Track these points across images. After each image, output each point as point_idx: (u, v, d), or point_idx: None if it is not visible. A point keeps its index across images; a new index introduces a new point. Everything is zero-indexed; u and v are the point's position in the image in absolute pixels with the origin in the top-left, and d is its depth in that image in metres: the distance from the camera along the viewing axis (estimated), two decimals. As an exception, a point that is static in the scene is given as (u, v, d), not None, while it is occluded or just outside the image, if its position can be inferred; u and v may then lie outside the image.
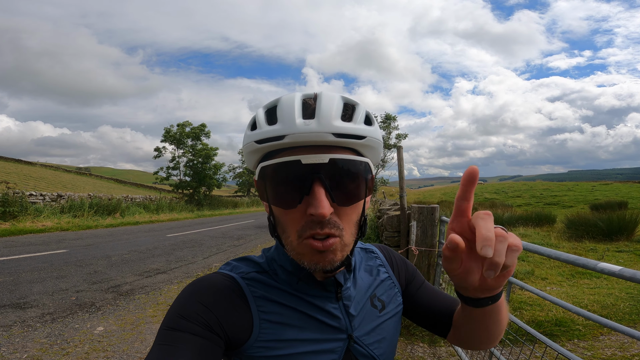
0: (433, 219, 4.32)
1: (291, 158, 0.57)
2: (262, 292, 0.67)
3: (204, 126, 29.20)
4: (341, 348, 0.68)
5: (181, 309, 0.61)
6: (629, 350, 3.51)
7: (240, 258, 0.74)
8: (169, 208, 22.36)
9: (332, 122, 0.58)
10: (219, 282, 0.66)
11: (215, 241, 11.06)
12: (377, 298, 0.78)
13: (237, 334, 0.63)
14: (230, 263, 0.73)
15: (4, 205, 12.39)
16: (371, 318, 0.74)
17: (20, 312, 4.36)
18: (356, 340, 0.70)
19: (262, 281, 0.69)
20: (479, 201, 26.82)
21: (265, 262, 0.72)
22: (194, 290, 0.64)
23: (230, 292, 0.65)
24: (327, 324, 0.68)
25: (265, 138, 0.59)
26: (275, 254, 0.72)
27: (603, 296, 5.12)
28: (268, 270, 0.71)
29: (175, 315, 0.60)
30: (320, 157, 0.57)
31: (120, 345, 3.63)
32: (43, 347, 3.51)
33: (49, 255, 7.78)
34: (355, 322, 0.71)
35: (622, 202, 19.20)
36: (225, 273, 0.69)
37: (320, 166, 0.57)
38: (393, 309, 0.79)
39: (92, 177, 36.18)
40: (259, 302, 0.66)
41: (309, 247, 0.60)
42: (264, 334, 0.64)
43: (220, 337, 0.60)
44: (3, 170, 23.89)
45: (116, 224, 14.94)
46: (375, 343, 0.73)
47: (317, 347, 0.66)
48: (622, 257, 8.11)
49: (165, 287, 5.79)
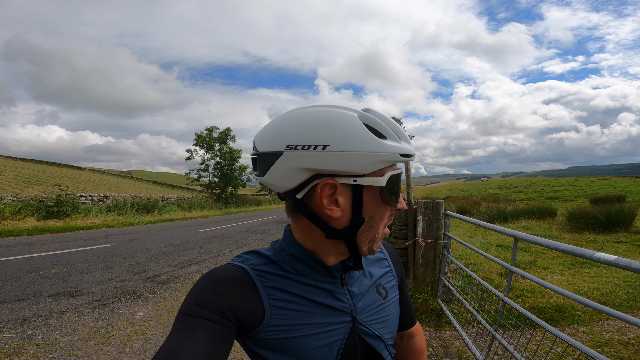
0: (438, 213, 4.26)
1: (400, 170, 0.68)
2: (272, 281, 0.68)
3: (229, 130, 29.54)
4: (345, 329, 0.69)
5: (196, 296, 0.62)
6: (626, 335, 3.39)
7: (250, 251, 0.75)
8: (200, 206, 22.76)
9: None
10: (231, 273, 0.67)
11: (241, 235, 11.19)
12: (382, 286, 0.79)
13: (249, 319, 0.64)
14: (241, 256, 0.74)
15: (58, 205, 12.87)
16: (376, 303, 0.76)
17: (72, 300, 4.52)
18: (360, 322, 0.71)
19: (270, 272, 0.69)
20: (482, 196, 26.22)
21: (273, 254, 0.73)
22: (208, 280, 0.65)
23: (241, 281, 0.66)
24: (333, 307, 0.69)
25: (407, 154, 0.65)
26: (284, 245, 0.72)
27: (602, 284, 4.95)
28: (276, 261, 0.71)
29: (191, 303, 0.61)
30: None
31: (158, 328, 3.72)
32: (91, 330, 3.63)
33: (97, 249, 8.04)
34: (359, 305, 0.72)
35: (620, 195, 18.46)
36: (236, 264, 0.70)
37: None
38: (394, 296, 0.82)
39: (134, 179, 37.10)
40: (268, 291, 0.67)
41: (383, 234, 0.71)
42: (274, 319, 0.65)
43: (232, 323, 0.61)
44: (56, 175, 24.79)
45: (154, 220, 15.29)
46: (379, 324, 0.75)
47: (323, 329, 0.67)
48: (620, 247, 7.80)
49: (197, 276, 5.89)
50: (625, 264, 1.57)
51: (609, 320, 3.74)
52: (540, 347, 2.82)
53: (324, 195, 0.63)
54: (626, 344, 3.19)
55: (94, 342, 3.35)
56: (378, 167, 0.63)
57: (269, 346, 0.65)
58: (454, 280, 4.34)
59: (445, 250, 4.08)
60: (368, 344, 0.72)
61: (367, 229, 0.66)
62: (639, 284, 4.85)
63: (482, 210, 15.17)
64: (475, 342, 3.09)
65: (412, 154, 0.66)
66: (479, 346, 3.00)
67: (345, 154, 0.61)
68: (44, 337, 3.42)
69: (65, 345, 3.27)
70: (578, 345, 1.76)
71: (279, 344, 0.65)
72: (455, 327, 3.49)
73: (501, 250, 7.64)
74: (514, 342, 2.58)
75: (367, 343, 0.72)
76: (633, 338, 3.28)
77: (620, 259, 1.61)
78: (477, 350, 2.83)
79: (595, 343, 3.24)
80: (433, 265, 4.25)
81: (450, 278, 4.38)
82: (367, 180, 0.63)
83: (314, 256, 0.69)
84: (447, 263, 4.17)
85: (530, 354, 2.76)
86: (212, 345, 0.57)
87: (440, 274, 4.16)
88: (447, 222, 4.11)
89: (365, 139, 0.61)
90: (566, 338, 1.84)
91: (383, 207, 0.67)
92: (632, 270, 1.54)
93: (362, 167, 0.62)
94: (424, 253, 4.25)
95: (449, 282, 4.11)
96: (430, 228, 4.28)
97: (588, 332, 3.50)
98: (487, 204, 18.04)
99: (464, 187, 42.45)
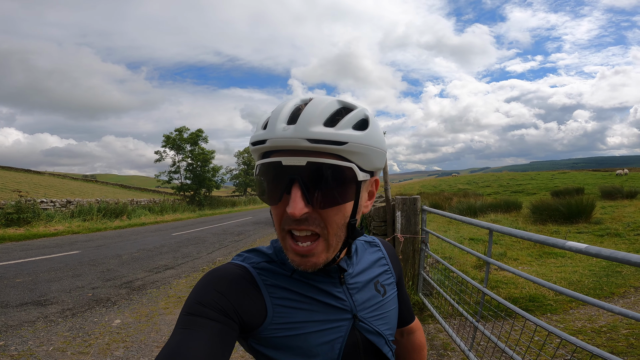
0: (415, 208, 4.38)
1: (275, 159, 0.58)
2: (273, 280, 0.68)
3: (200, 131, 28.80)
4: (346, 326, 0.70)
5: (199, 296, 0.62)
6: (597, 322, 3.57)
7: (250, 249, 0.75)
8: (172, 209, 22.05)
9: (309, 128, 0.56)
10: (233, 272, 0.67)
11: (217, 237, 10.97)
12: (380, 284, 0.80)
13: (251, 318, 0.63)
14: (242, 254, 0.73)
15: (18, 212, 12.08)
16: (375, 300, 0.77)
17: (42, 309, 4.27)
18: (361, 319, 0.72)
19: (271, 270, 0.69)
20: (453, 191, 27.16)
21: (273, 252, 0.73)
22: (210, 279, 0.65)
23: (243, 280, 0.66)
24: (333, 305, 0.70)
25: (255, 141, 0.61)
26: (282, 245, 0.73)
27: (569, 273, 5.26)
28: (277, 260, 0.71)
29: (194, 302, 0.61)
30: (298, 159, 0.56)
31: (138, 336, 3.59)
32: (67, 339, 3.46)
33: (63, 257, 7.62)
34: (359, 303, 0.73)
35: (579, 188, 19.71)
36: (237, 263, 0.70)
37: (299, 168, 0.57)
38: (392, 293, 0.82)
39: (98, 183, 35.39)
40: (270, 289, 0.67)
41: (291, 247, 0.62)
42: (277, 317, 0.65)
43: (235, 322, 0.61)
44: (14, 180, 23.26)
45: (124, 225, 14.66)
46: (379, 320, 0.75)
47: (325, 327, 0.68)
48: (582, 237, 8.32)
49: (174, 281, 5.74)
50: (596, 251, 1.69)
51: (580, 308, 3.96)
52: (521, 336, 2.97)
53: None
54: (598, 331, 3.37)
55: (71, 352, 3.19)
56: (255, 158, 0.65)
57: (272, 344, 0.65)
58: (433, 274, 4.48)
59: (423, 245, 4.20)
60: (369, 340, 0.73)
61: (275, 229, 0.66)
62: (603, 273, 5.19)
63: (453, 205, 15.72)
64: (458, 334, 3.20)
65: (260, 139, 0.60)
66: (462, 337, 3.12)
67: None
68: (17, 348, 3.23)
69: (41, 356, 3.10)
70: (560, 333, 1.87)
71: (282, 341, 0.65)
72: (438, 320, 3.60)
73: (474, 243, 7.95)
74: (497, 332, 2.70)
75: (368, 339, 0.73)
76: (604, 325, 3.48)
77: (591, 247, 1.73)
78: (462, 342, 2.94)
79: (569, 331, 3.39)
80: (413, 260, 4.37)
81: (429, 272, 4.52)
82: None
83: None
84: (425, 257, 4.29)
85: (513, 343, 2.91)
86: (216, 345, 0.57)
87: (419, 269, 4.28)
88: (424, 217, 4.23)
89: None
90: (548, 327, 1.94)
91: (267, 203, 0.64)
92: (602, 258, 1.66)
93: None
94: (403, 248, 4.35)
95: (429, 276, 4.23)
96: (408, 223, 4.39)
97: (561, 321, 3.68)
98: (458, 199, 18.71)
99: (436, 183, 43.78)
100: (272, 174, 0.59)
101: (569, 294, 1.85)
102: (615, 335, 3.25)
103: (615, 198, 15.88)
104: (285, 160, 0.57)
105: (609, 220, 10.18)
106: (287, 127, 0.57)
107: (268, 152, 0.62)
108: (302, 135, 0.56)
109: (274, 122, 0.59)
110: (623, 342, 3.11)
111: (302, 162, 0.56)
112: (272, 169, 0.59)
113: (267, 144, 0.58)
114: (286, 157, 0.57)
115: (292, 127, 0.57)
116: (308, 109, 0.58)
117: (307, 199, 0.57)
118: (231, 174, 49.35)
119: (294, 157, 0.57)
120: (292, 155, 0.57)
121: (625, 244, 7.36)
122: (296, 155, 0.57)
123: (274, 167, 0.58)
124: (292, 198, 0.57)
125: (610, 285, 4.67)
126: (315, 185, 0.57)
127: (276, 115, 0.59)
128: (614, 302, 4.13)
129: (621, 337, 3.19)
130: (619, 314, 1.57)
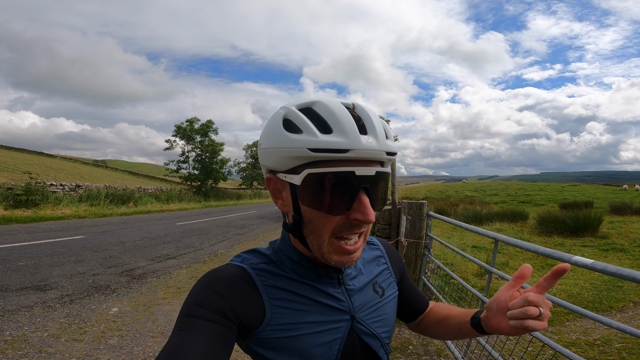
0: (421, 213, 4.33)
1: (345, 169, 0.57)
2: (271, 280, 0.68)
3: (211, 122, 28.92)
4: (345, 327, 0.70)
5: (197, 297, 0.62)
6: (591, 335, 3.56)
7: (249, 250, 0.75)
8: (178, 198, 22.23)
9: (386, 142, 0.60)
10: (231, 273, 0.67)
11: (220, 229, 11.02)
12: (378, 285, 0.80)
13: (250, 319, 0.63)
14: (241, 255, 0.73)
15: (27, 194, 12.26)
16: (373, 301, 0.76)
17: (41, 294, 4.31)
18: (359, 321, 0.72)
19: (270, 271, 0.69)
20: (460, 198, 26.94)
21: (272, 253, 0.73)
22: (209, 280, 0.65)
23: (242, 281, 0.66)
24: (332, 306, 0.69)
25: (325, 148, 0.56)
26: (281, 246, 0.72)
27: (570, 286, 5.18)
28: (275, 261, 0.71)
29: (192, 304, 0.61)
30: (369, 169, 0.59)
31: (134, 325, 3.61)
32: (62, 326, 3.48)
33: (67, 241, 7.71)
34: (357, 304, 0.73)
35: (588, 202, 19.40)
36: (236, 264, 0.70)
37: (368, 178, 0.59)
38: (391, 294, 0.82)
39: (108, 169, 35.83)
40: (268, 290, 0.67)
41: (338, 249, 0.62)
42: (275, 318, 0.65)
43: (233, 323, 0.61)
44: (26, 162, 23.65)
45: (130, 212, 14.82)
46: (376, 323, 0.75)
47: (323, 328, 0.67)
48: (587, 251, 8.19)
49: (175, 271, 5.77)
50: (602, 267, 1.64)
51: (576, 320, 3.92)
52: (516, 347, 2.93)
53: (270, 188, 0.68)
54: (592, 344, 3.35)
55: (65, 339, 3.21)
56: (292, 163, 0.60)
57: (270, 345, 0.65)
58: (433, 279, 4.43)
59: (426, 250, 4.15)
60: (366, 342, 0.72)
61: (310, 233, 0.63)
62: (604, 287, 5.11)
63: (459, 212, 15.59)
64: (453, 341, 3.16)
65: (337, 148, 0.56)
66: (457, 345, 3.07)
67: (265, 150, 0.64)
68: (12, 333, 3.24)
69: (34, 342, 3.11)
70: (554, 345, 1.83)
71: (280, 342, 0.64)
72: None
73: (477, 251, 7.87)
74: (492, 341, 2.66)
75: (364, 342, 0.72)
76: (598, 339, 3.46)
77: (597, 263, 1.68)
78: (456, 349, 2.89)
79: (563, 343, 3.38)
80: (414, 265, 4.32)
81: (430, 277, 4.46)
82: (284, 176, 0.63)
83: (309, 258, 0.69)
84: (427, 262, 4.24)
85: (507, 352, 2.86)
86: (214, 346, 0.57)
87: (421, 274, 4.23)
88: (429, 222, 4.18)
89: (278, 134, 0.61)
90: (543, 338, 1.90)
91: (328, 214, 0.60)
92: (608, 274, 1.61)
93: (277, 162, 0.62)
94: (406, 253, 4.31)
95: (429, 282, 4.18)
96: (413, 228, 4.34)
97: (556, 332, 3.66)
98: (464, 206, 18.56)
99: (442, 188, 43.47)
100: (342, 184, 0.58)
101: (566, 306, 1.80)
102: (608, 348, 3.23)
103: (625, 214, 15.58)
104: (358, 171, 0.58)
105: (616, 235, 10.01)
106: (368, 139, 0.58)
107: (325, 161, 0.58)
108: (384, 148, 0.60)
109: (353, 130, 0.57)
110: (615, 355, 3.09)
111: (372, 172, 0.59)
112: (344, 178, 0.58)
113: (349, 154, 0.57)
114: (359, 167, 0.58)
115: (373, 140, 0.59)
116: (375, 121, 0.61)
117: (373, 205, 0.61)
118: (239, 167, 49.71)
119: (366, 167, 0.59)
120: (363, 165, 0.59)
121: (629, 260, 7.23)
122: (368, 166, 0.59)
123: (345, 177, 0.57)
124: (364, 205, 0.59)
125: (610, 299, 4.61)
126: (375, 191, 0.61)
127: (349, 122, 0.58)
128: (611, 316, 4.08)
129: (614, 351, 3.17)
130: (617, 329, 1.53)
